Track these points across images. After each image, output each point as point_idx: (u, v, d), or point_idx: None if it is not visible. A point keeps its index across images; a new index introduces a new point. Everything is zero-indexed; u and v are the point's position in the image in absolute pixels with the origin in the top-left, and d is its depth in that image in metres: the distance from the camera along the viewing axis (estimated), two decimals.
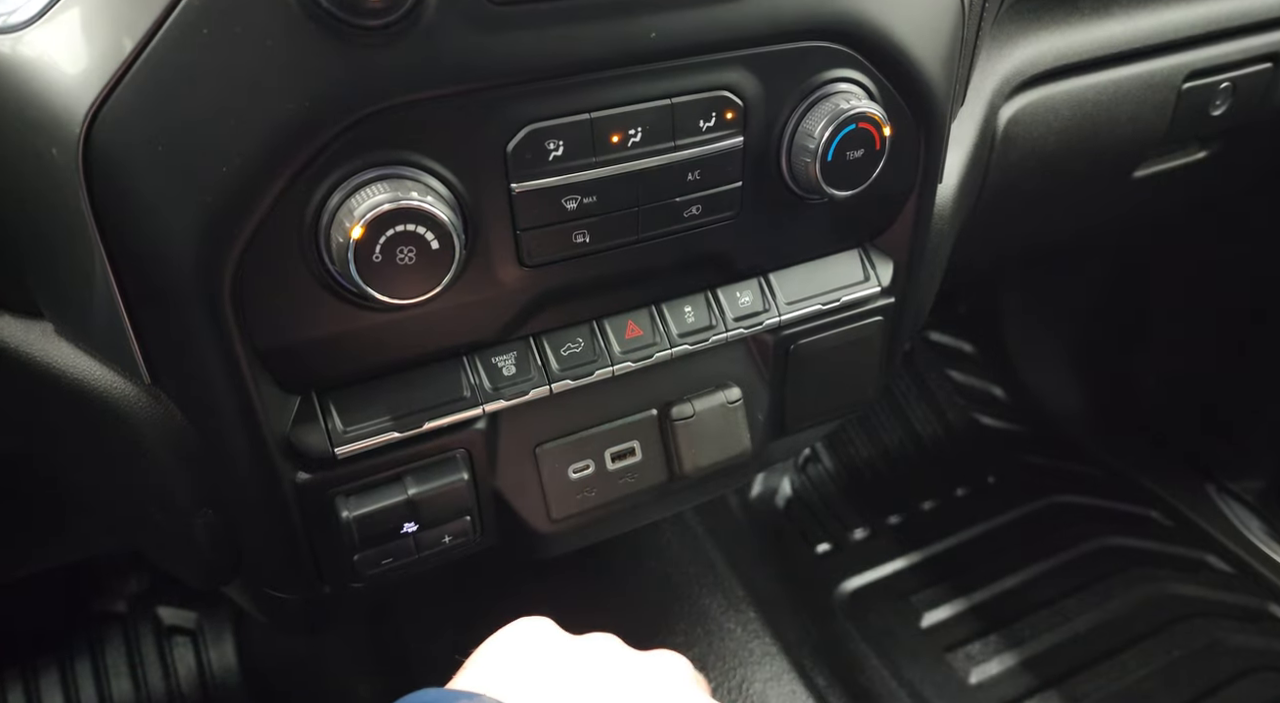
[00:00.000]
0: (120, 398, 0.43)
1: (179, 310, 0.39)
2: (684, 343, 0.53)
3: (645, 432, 0.56)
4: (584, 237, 0.45)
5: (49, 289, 0.43)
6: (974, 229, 0.72)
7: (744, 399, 0.58)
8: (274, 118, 0.36)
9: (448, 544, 0.51)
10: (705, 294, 0.54)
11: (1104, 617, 1.20)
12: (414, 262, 0.39)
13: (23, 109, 0.37)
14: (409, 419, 0.46)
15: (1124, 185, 0.83)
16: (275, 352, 0.42)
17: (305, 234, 0.39)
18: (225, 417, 0.43)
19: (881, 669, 1.11)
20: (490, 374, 0.49)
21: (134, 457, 0.45)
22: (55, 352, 0.44)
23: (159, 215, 0.37)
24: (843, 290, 0.57)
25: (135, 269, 0.39)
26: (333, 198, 0.39)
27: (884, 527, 1.35)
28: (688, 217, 0.48)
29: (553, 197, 0.44)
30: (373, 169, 0.39)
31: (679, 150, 0.45)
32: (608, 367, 0.52)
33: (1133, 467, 1.41)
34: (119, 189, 0.37)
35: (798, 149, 0.47)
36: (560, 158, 0.43)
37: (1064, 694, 1.11)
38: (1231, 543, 1.28)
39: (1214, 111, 0.79)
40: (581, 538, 0.57)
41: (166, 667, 1.12)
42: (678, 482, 0.58)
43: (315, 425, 0.45)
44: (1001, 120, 0.67)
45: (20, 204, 0.40)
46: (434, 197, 0.39)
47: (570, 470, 0.54)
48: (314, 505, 0.46)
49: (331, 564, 0.49)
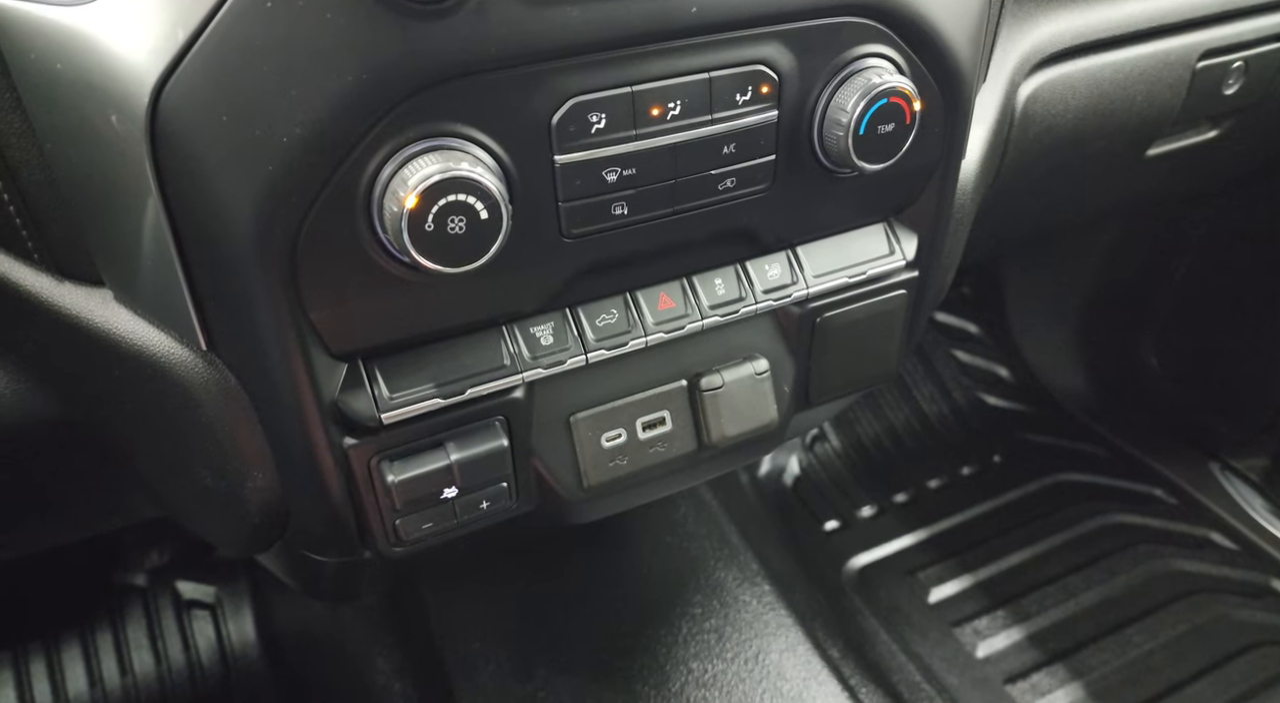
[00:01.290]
0: (177, 363, 0.44)
1: (236, 277, 0.41)
2: (714, 315, 0.55)
3: (675, 402, 0.57)
4: (622, 208, 0.47)
5: (110, 257, 0.45)
6: (993, 205, 0.73)
7: (771, 371, 0.59)
8: (332, 90, 0.37)
9: (485, 510, 0.53)
10: (735, 267, 0.55)
11: (1109, 593, 1.22)
12: (464, 231, 0.41)
13: (89, 80, 0.38)
14: (451, 386, 0.48)
15: (1138, 163, 0.84)
16: (326, 319, 0.43)
17: (359, 204, 0.40)
18: (277, 382, 0.44)
19: (891, 644, 1.13)
20: (529, 344, 0.50)
21: (189, 421, 0.46)
22: (115, 318, 0.45)
23: (221, 184, 0.39)
24: (869, 264, 0.58)
25: (196, 237, 0.40)
26: (385, 169, 0.40)
27: (891, 505, 1.37)
28: (722, 189, 0.49)
29: (594, 169, 0.45)
30: (424, 141, 0.40)
31: (716, 123, 0.46)
32: (641, 337, 0.53)
33: (1137, 445, 1.43)
34: (183, 159, 0.38)
35: (830, 122, 0.48)
36: (602, 130, 0.44)
37: (1070, 668, 1.13)
38: (1235, 520, 1.30)
39: (1227, 91, 0.80)
40: (612, 505, 0.59)
41: (186, 639, 1.14)
42: (706, 451, 0.59)
43: (362, 392, 0.46)
44: (1021, 97, 0.68)
45: (85, 174, 0.41)
46: (483, 167, 0.40)
47: (603, 439, 0.56)
48: (360, 469, 0.48)
49: (374, 528, 0.50)
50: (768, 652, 0.91)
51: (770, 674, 0.89)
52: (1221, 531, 1.30)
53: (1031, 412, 1.54)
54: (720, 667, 0.90)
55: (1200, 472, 1.38)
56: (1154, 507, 1.35)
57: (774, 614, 0.95)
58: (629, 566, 1.00)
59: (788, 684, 0.89)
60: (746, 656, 0.91)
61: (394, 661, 0.96)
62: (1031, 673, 1.13)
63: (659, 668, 0.90)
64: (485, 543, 0.85)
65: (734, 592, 0.97)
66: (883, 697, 0.98)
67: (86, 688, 1.09)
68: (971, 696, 1.09)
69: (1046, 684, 1.11)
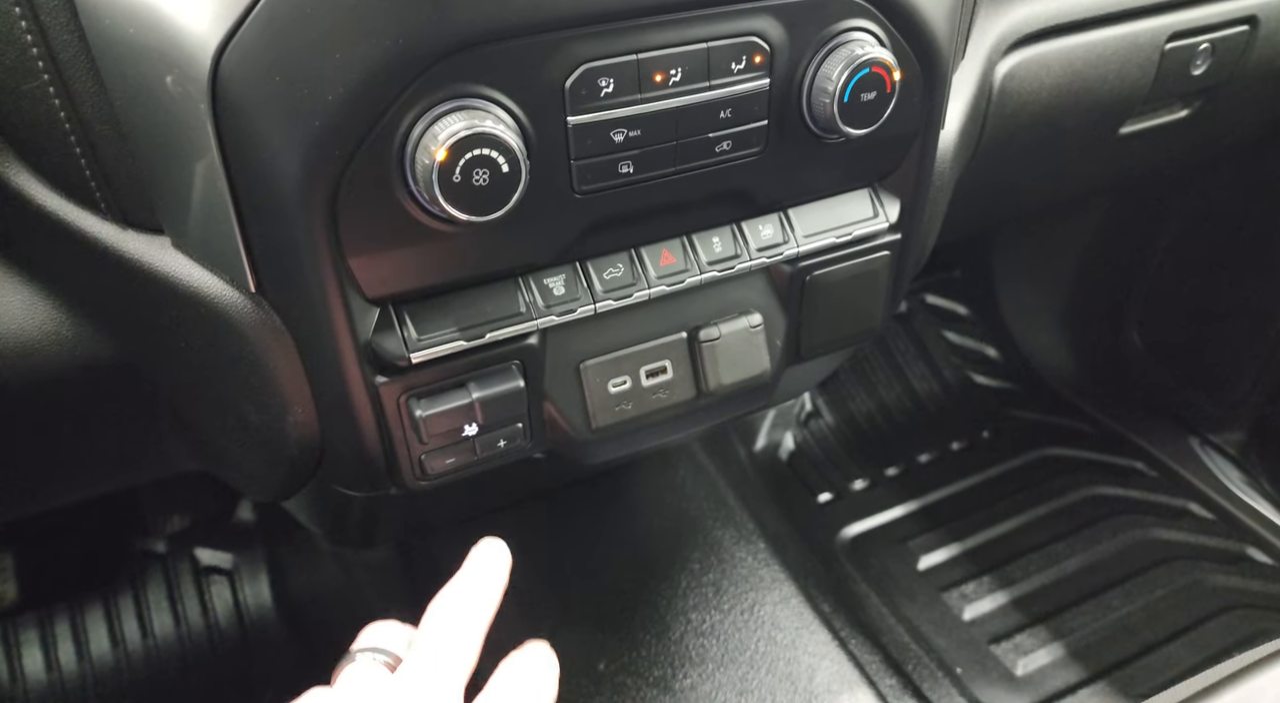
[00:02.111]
0: (229, 305, 0.49)
1: (284, 225, 0.45)
2: (712, 270, 0.59)
3: (676, 352, 0.62)
4: (628, 167, 0.51)
5: (170, 207, 0.49)
6: (971, 178, 0.78)
7: (764, 325, 0.64)
8: (370, 55, 0.42)
9: (502, 448, 0.57)
10: (731, 227, 0.60)
11: (1091, 560, 1.27)
12: (487, 183, 0.45)
13: (156, 44, 0.43)
14: (473, 331, 0.52)
15: (1111, 141, 0.89)
16: (362, 265, 0.48)
17: (394, 158, 0.45)
18: (318, 323, 0.49)
19: (881, 607, 1.18)
20: (543, 294, 0.55)
21: (237, 359, 0.51)
22: (173, 263, 0.50)
23: (273, 139, 0.43)
24: (854, 225, 0.63)
25: (249, 188, 0.45)
26: (417, 126, 0.45)
27: (883, 478, 1.42)
28: (719, 151, 0.54)
29: (603, 130, 0.49)
30: (451, 101, 0.45)
31: (713, 89, 0.51)
32: (645, 290, 0.58)
33: (1120, 421, 1.48)
34: (240, 117, 0.43)
35: (817, 91, 0.53)
36: (610, 94, 0.49)
37: (1052, 629, 1.18)
38: (1212, 492, 1.35)
39: (1194, 71, 0.85)
40: (618, 447, 0.64)
41: (204, 603, 1.19)
42: (704, 398, 0.64)
43: (393, 333, 0.51)
44: (998, 75, 0.73)
45: (150, 130, 0.46)
46: (504, 126, 0.45)
47: (610, 385, 0.60)
48: (390, 406, 0.52)
49: (402, 463, 0.55)
50: (762, 604, 0.96)
51: (765, 624, 0.94)
52: (1199, 501, 1.35)
53: (1019, 390, 1.59)
54: (717, 617, 0.95)
55: (1180, 446, 1.43)
56: (1135, 479, 1.40)
57: (768, 570, 1.00)
58: (630, 524, 1.05)
59: (781, 634, 0.94)
60: (742, 607, 0.96)
61: (407, 619, 1.01)
62: (1015, 634, 1.18)
63: (659, 619, 0.95)
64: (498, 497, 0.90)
65: (730, 549, 1.02)
66: (871, 648, 1.03)
67: (109, 648, 1.14)
68: (958, 655, 1.14)
69: (1029, 644, 1.17)
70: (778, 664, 0.91)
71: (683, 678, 0.90)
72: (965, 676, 1.11)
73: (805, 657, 0.92)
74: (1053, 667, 1.14)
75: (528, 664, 0.49)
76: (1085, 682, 1.12)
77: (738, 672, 0.91)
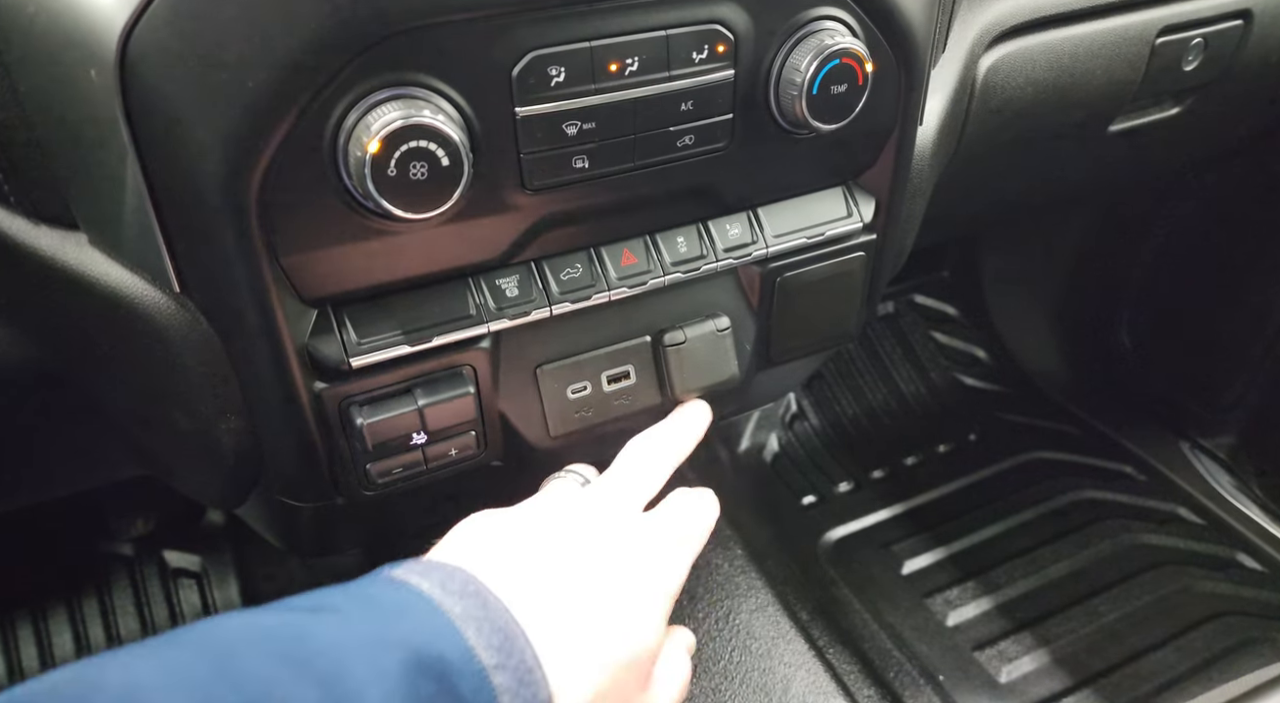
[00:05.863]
0: (150, 306, 0.46)
1: (207, 221, 0.42)
2: (676, 271, 0.56)
3: (639, 356, 0.59)
4: (583, 162, 0.48)
5: (85, 200, 0.46)
6: (955, 178, 0.75)
7: (732, 329, 0.61)
8: (297, 36, 0.39)
9: (454, 457, 0.55)
10: (697, 226, 0.57)
11: (1078, 565, 1.25)
12: (426, 177, 0.42)
13: (58, 24, 0.40)
14: (418, 334, 0.50)
15: (1101, 140, 0.86)
16: (296, 264, 0.45)
17: (325, 151, 0.42)
18: (248, 325, 0.46)
19: (863, 612, 1.16)
20: (494, 295, 0.52)
21: (163, 364, 0.48)
22: (89, 261, 0.46)
23: (190, 130, 0.40)
24: (827, 225, 0.60)
25: (167, 181, 0.42)
26: (349, 117, 0.42)
27: (868, 481, 1.40)
28: (681, 146, 0.51)
29: (554, 122, 0.46)
30: (386, 89, 0.42)
31: (673, 80, 0.48)
32: (605, 292, 0.55)
33: (1109, 425, 1.46)
34: (152, 106, 0.40)
35: (785, 82, 0.50)
36: (562, 84, 0.46)
37: (1037, 636, 1.16)
38: (1202, 496, 1.33)
39: (1186, 67, 0.82)
40: (579, 456, 0.61)
41: (172, 607, 1.16)
42: (669, 404, 0.61)
43: (331, 337, 0.48)
44: (981, 69, 0.70)
45: (59, 118, 0.43)
46: (444, 116, 0.42)
47: (569, 391, 0.57)
48: (331, 413, 0.50)
49: (346, 473, 0.52)
50: (737, 612, 0.94)
51: (739, 633, 0.92)
52: (1189, 506, 1.33)
53: (1007, 392, 1.57)
54: (691, 626, 0.92)
55: (1170, 450, 1.41)
56: (1124, 483, 1.38)
57: (745, 577, 0.97)
58: None
59: (756, 643, 0.91)
60: (717, 615, 0.93)
61: None
62: (1000, 640, 1.16)
63: None
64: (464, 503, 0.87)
65: (705, 555, 0.99)
66: (849, 657, 1.01)
67: (74, 653, 1.11)
68: (940, 662, 1.12)
69: (1014, 651, 1.14)
70: (752, 675, 0.89)
71: None
72: (948, 683, 1.09)
73: (780, 667, 0.90)
74: (1037, 674, 1.12)
75: (696, 497, 0.54)
76: (1070, 689, 1.10)
77: (710, 683, 0.88)
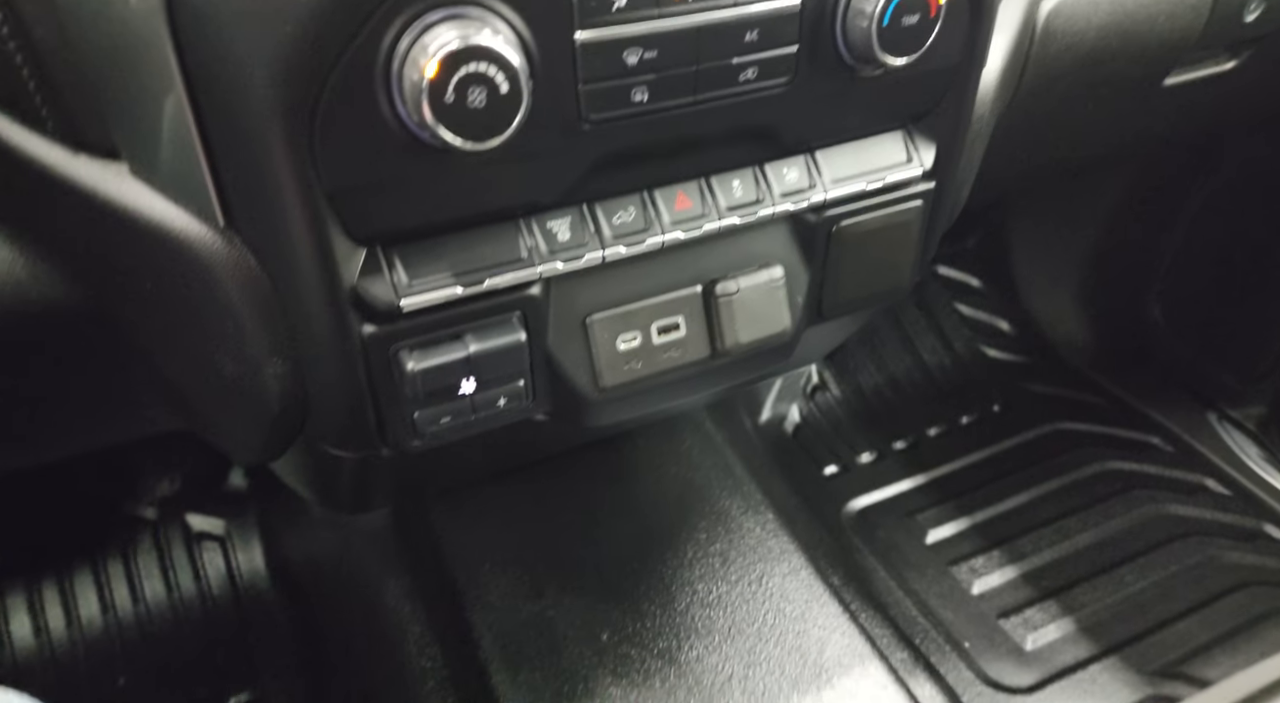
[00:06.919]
0: (195, 241, 0.44)
1: (253, 150, 0.40)
2: (732, 216, 0.54)
3: (690, 307, 0.57)
4: (643, 94, 0.46)
5: (127, 129, 0.44)
6: (1011, 131, 0.72)
7: (785, 280, 0.59)
8: None
9: (501, 407, 0.53)
10: (753, 169, 0.55)
11: (1103, 535, 1.24)
12: (484, 105, 0.40)
13: None
14: (470, 276, 0.48)
15: (1155, 93, 0.83)
16: (345, 198, 0.43)
17: (378, 75, 0.40)
18: (296, 263, 0.44)
19: (889, 580, 1.15)
20: (546, 238, 0.50)
21: (208, 303, 0.46)
22: (131, 193, 0.44)
23: (240, 51, 0.38)
24: (886, 171, 0.58)
25: (213, 107, 0.40)
26: (404, 38, 0.39)
27: (890, 451, 1.38)
28: (743, 80, 0.48)
29: (615, 49, 0.44)
30: (442, 8, 0.39)
31: (739, 6, 0.46)
32: (659, 236, 0.53)
33: (1136, 396, 1.44)
34: (202, 25, 0.38)
35: (854, 12, 0.48)
36: (624, 9, 0.43)
37: (1062, 604, 1.15)
38: (1230, 468, 1.32)
39: (1248, 16, 0.79)
40: (627, 409, 0.59)
41: (197, 570, 1.16)
42: (719, 357, 0.59)
43: (381, 277, 0.46)
44: (1043, 11, 0.67)
45: (101, 38, 0.41)
46: (503, 39, 0.40)
47: (618, 341, 0.56)
48: (379, 358, 0.48)
49: (393, 421, 0.51)
50: (771, 575, 0.93)
51: (773, 596, 0.91)
52: (1216, 477, 1.32)
53: (1032, 363, 1.55)
54: (725, 588, 0.92)
55: (1197, 420, 1.39)
56: (1151, 454, 1.36)
57: (776, 541, 0.96)
58: (635, 493, 1.02)
59: (790, 606, 0.90)
60: (750, 579, 0.93)
61: (404, 584, 0.98)
62: (1025, 609, 1.15)
63: (665, 589, 0.92)
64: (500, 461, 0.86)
65: (738, 519, 0.98)
66: (881, 621, 1.01)
67: (99, 614, 1.11)
68: (966, 629, 1.11)
69: (1039, 619, 1.14)
70: (786, 637, 0.88)
71: (688, 650, 0.88)
72: (974, 649, 1.09)
73: (815, 629, 0.89)
74: (1062, 642, 1.12)
75: None
76: (1095, 657, 1.10)
77: (745, 644, 0.88)
